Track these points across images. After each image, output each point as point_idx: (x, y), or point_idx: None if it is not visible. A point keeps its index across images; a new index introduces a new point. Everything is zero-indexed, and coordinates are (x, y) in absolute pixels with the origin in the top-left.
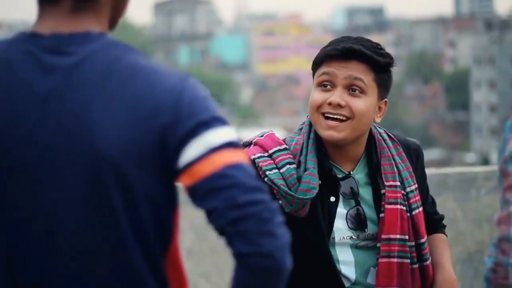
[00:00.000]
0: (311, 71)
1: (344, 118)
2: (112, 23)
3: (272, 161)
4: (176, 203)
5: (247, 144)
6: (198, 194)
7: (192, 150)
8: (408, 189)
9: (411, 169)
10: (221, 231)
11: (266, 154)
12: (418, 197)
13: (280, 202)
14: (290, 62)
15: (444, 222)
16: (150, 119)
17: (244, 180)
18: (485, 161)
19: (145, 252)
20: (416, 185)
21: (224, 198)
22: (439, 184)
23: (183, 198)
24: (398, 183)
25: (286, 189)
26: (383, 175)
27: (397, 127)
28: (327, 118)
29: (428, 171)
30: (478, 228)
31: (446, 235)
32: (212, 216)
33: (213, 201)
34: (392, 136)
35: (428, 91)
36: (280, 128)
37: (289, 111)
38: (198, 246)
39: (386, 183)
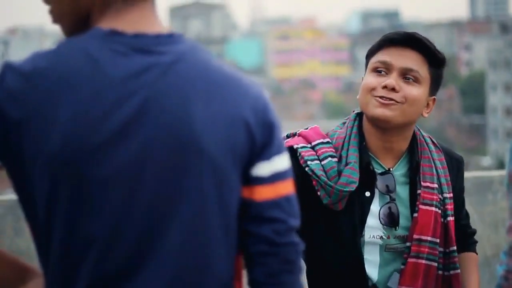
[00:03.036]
0: (326, 75)
1: (396, 102)
2: None
3: (314, 153)
4: None
5: (291, 135)
6: (249, 211)
7: (265, 169)
8: (445, 195)
9: (449, 178)
10: (247, 253)
11: (309, 146)
12: (452, 206)
13: (319, 193)
14: (305, 66)
15: None
16: (245, 123)
17: (289, 218)
18: (501, 165)
19: (230, 251)
20: (452, 194)
21: (272, 230)
22: None
23: None
24: (435, 186)
25: (326, 179)
26: (421, 175)
27: None
28: (380, 99)
29: None
30: (495, 232)
31: (477, 253)
32: (253, 240)
33: (261, 227)
34: (436, 142)
35: (443, 94)
36: None
37: (305, 115)
38: None
39: (423, 184)
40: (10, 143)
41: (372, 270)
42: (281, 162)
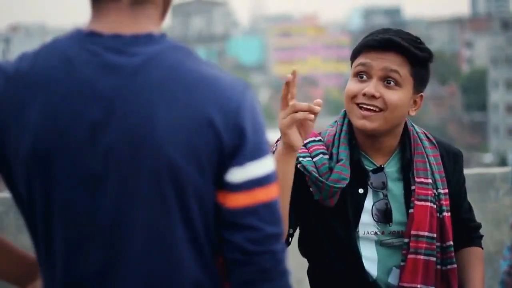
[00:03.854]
0: (328, 72)
1: (377, 109)
2: (162, 16)
3: (306, 150)
4: None
5: None
6: (223, 217)
7: (236, 175)
8: (440, 191)
9: (443, 174)
10: (224, 259)
11: None
12: (447, 202)
13: (311, 189)
14: (307, 63)
15: None
16: (211, 126)
17: (266, 225)
18: (503, 162)
19: (198, 253)
20: (447, 190)
21: (244, 238)
22: None
23: None
24: (429, 181)
25: (317, 175)
26: (414, 171)
27: None
28: (361, 108)
29: None
30: (497, 229)
31: (482, 248)
32: (227, 247)
33: (234, 235)
34: (431, 138)
35: (445, 91)
36: None
37: None
38: None
39: (417, 179)
40: None
41: (371, 266)
42: (259, 168)
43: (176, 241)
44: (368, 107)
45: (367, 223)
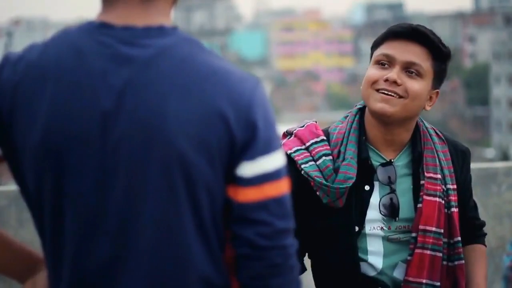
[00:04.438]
0: (330, 67)
1: (397, 96)
2: (171, 9)
3: (308, 154)
4: None
5: (288, 134)
6: (234, 212)
7: (247, 169)
8: (448, 186)
9: (452, 170)
10: (235, 253)
11: (303, 147)
12: (456, 197)
13: (318, 193)
14: (309, 57)
15: None
16: (222, 120)
17: (277, 220)
18: (505, 156)
19: (207, 247)
20: (455, 186)
21: (255, 233)
22: None
23: None
24: (439, 176)
25: (321, 180)
26: (424, 166)
27: None
28: (382, 93)
29: None
30: (499, 224)
31: (486, 245)
32: (237, 241)
33: (244, 229)
34: (440, 134)
35: (447, 86)
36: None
37: (308, 107)
38: None
39: (426, 174)
40: (5, 134)
41: (376, 259)
42: (269, 163)
43: (185, 235)
44: (389, 93)
45: (373, 219)
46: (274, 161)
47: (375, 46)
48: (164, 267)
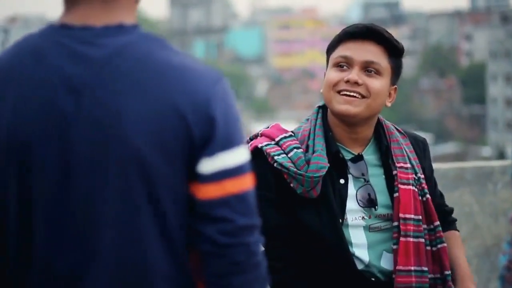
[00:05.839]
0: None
1: (359, 96)
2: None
3: (279, 148)
4: None
5: (254, 137)
6: (195, 209)
7: (207, 165)
8: (419, 175)
9: (417, 160)
10: (198, 251)
11: (273, 142)
12: (426, 186)
13: (292, 185)
14: (306, 55)
15: (460, 216)
16: (180, 117)
17: (239, 217)
18: (501, 155)
19: (169, 247)
20: (424, 175)
21: (216, 230)
22: (456, 178)
23: None
24: (409, 165)
25: (295, 169)
26: (394, 157)
27: (412, 120)
28: (344, 95)
29: (445, 165)
30: (495, 222)
31: (458, 230)
32: (199, 239)
33: (206, 227)
34: (399, 129)
35: (443, 84)
36: (295, 122)
37: (304, 105)
38: None
39: (397, 164)
40: None
41: (362, 252)
42: (230, 158)
43: (145, 236)
44: (351, 93)
45: (354, 210)
46: (236, 157)
47: (331, 49)
48: (126, 269)
